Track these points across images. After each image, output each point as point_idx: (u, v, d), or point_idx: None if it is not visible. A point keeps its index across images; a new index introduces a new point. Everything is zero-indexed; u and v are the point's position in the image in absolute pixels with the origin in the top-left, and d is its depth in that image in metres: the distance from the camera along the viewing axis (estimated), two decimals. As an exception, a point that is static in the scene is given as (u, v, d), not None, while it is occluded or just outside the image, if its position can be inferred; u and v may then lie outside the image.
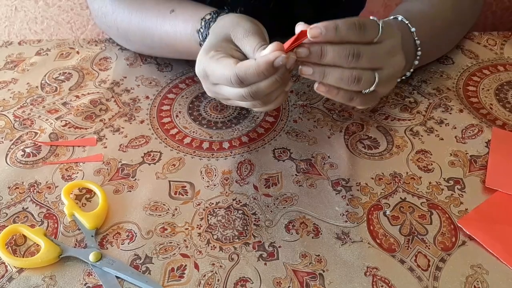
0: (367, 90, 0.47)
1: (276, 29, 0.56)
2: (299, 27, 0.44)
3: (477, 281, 0.43)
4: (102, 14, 0.67)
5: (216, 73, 0.45)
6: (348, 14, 0.46)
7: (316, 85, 0.46)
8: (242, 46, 0.47)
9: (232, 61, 0.44)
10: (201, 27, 0.55)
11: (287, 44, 0.43)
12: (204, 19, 0.55)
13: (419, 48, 0.58)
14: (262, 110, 0.52)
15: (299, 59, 0.44)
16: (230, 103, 0.51)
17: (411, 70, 0.60)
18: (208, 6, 0.59)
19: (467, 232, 0.47)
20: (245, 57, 0.47)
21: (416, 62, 0.59)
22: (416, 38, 0.57)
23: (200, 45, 0.56)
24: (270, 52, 0.43)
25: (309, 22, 0.44)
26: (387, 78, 0.47)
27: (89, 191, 0.53)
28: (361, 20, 0.44)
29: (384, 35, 0.45)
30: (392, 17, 0.59)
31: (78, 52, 0.73)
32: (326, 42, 0.43)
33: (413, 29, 0.57)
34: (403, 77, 0.61)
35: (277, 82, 0.44)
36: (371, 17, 0.46)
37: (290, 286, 0.43)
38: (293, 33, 0.44)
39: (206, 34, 0.54)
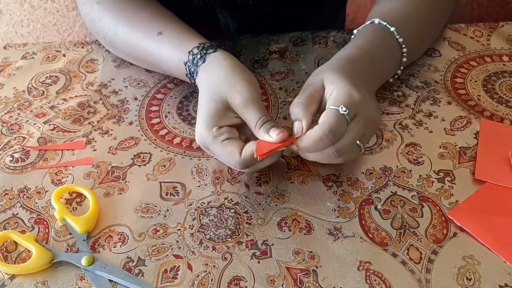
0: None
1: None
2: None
3: (469, 272, 0.43)
4: (90, 20, 0.67)
5: (220, 157, 0.50)
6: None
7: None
8: (242, 115, 0.49)
9: (236, 150, 0.48)
10: (188, 61, 0.55)
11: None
12: (191, 53, 0.55)
13: (403, 46, 0.58)
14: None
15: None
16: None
17: (401, 68, 0.60)
18: (196, 33, 0.58)
19: (458, 224, 0.47)
20: (244, 122, 0.50)
21: (405, 59, 0.59)
22: (398, 36, 0.58)
23: (186, 75, 0.56)
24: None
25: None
26: (370, 135, 0.51)
27: (80, 194, 0.52)
28: (327, 127, 0.45)
29: (352, 113, 0.46)
30: (368, 22, 0.59)
31: (64, 55, 0.72)
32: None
33: (392, 29, 0.57)
34: (395, 76, 0.61)
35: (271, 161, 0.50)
36: (330, 107, 0.46)
37: (283, 283, 0.44)
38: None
39: (193, 70, 0.55)
